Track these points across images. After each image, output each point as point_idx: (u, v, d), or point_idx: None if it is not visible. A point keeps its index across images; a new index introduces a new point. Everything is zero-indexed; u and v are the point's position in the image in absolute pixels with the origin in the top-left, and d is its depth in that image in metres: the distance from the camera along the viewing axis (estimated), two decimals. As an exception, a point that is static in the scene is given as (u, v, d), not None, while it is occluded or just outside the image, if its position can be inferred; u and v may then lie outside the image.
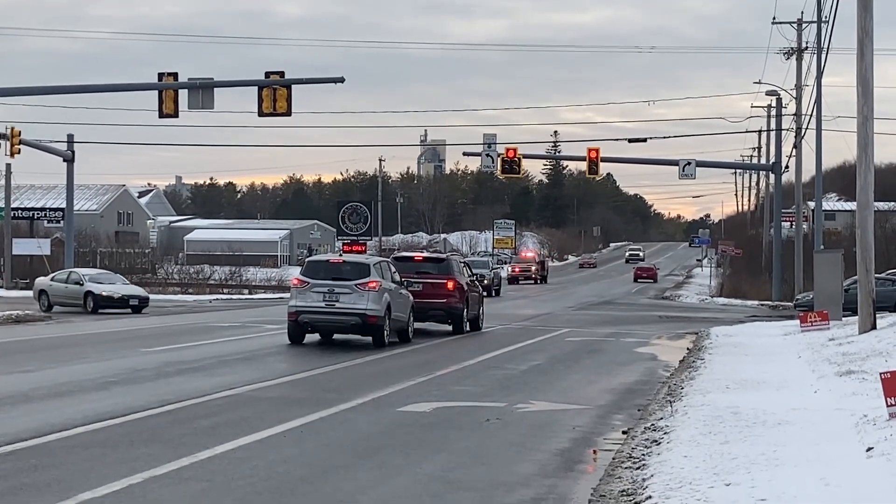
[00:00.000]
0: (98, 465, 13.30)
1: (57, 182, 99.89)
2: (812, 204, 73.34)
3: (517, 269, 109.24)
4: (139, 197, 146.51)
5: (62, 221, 74.80)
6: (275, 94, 45.70)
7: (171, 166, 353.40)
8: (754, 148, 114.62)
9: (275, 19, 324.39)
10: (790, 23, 69.89)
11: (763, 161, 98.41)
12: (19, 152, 56.76)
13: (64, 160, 68.76)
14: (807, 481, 11.36)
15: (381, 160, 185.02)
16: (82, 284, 49.68)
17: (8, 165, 67.78)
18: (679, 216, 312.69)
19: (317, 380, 23.34)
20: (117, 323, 41.07)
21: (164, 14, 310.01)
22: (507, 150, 64.38)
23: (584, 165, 66.84)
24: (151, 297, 64.65)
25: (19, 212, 78.64)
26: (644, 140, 71.77)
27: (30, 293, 63.80)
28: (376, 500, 11.97)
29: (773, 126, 78.78)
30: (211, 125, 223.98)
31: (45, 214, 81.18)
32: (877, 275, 37.20)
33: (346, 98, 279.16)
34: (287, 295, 37.24)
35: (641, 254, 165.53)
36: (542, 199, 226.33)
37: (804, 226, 73.33)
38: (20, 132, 56.59)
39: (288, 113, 46.06)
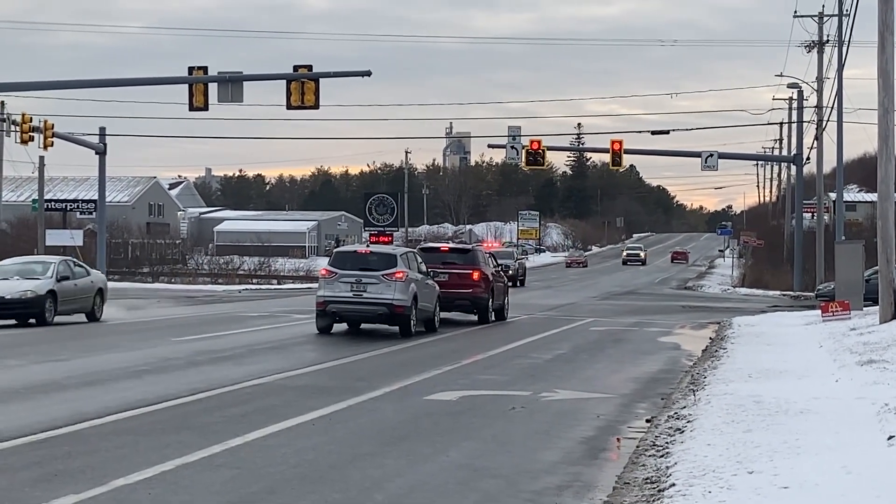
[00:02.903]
0: (130, 452, 13.35)
1: (89, 174, 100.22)
2: (833, 195, 73.10)
3: None
4: (170, 189, 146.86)
5: (94, 213, 74.97)
6: (303, 87, 45.78)
7: (201, 158, 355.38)
8: (776, 140, 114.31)
9: (301, 13, 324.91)
10: (811, 16, 69.60)
11: (785, 153, 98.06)
12: (52, 145, 57.00)
13: (96, 153, 69.00)
14: (828, 469, 11.33)
15: (407, 152, 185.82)
16: None
17: (41, 158, 68.01)
18: (701, 207, 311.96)
19: (345, 368, 23.37)
20: (149, 313, 41.18)
21: (192, 8, 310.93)
22: (532, 141, 64.33)
23: (607, 157, 66.80)
24: (182, 287, 65.07)
25: (52, 203, 78.77)
26: (667, 132, 71.85)
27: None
28: (404, 487, 11.98)
29: (794, 118, 78.51)
30: (240, 118, 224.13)
31: (78, 206, 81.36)
32: (898, 265, 37.01)
33: (373, 91, 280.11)
34: (315, 285, 37.29)
35: (642, 254, 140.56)
36: (565, 191, 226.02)
37: (825, 217, 73.09)
38: (53, 125, 56.81)
39: (316, 106, 46.13)
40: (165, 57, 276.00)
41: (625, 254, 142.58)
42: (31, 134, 54.38)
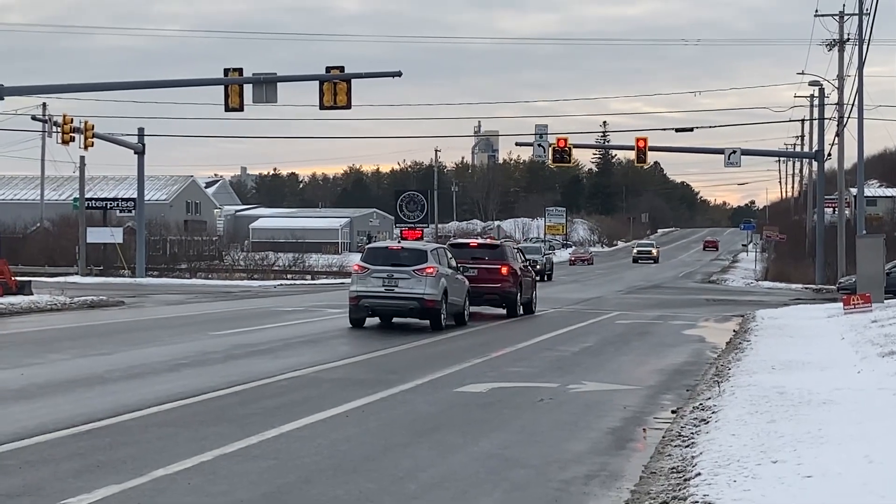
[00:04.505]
0: (170, 443, 13.40)
1: (128, 173, 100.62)
2: (854, 190, 72.82)
3: None
4: (206, 187, 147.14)
5: (133, 211, 75.30)
6: (335, 87, 45.85)
7: (236, 157, 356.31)
8: (798, 136, 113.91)
9: (333, 14, 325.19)
10: (832, 15, 69.27)
11: (806, 149, 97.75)
12: (93, 145, 57.25)
13: (135, 152, 69.28)
14: (851, 459, 11.29)
15: (436, 150, 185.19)
16: None
17: (82, 158, 68.26)
18: (724, 203, 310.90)
19: (377, 361, 23.39)
20: (187, 308, 41.29)
21: (226, 11, 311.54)
22: (558, 139, 64.28)
23: (632, 154, 66.62)
24: (219, 283, 65.23)
25: (93, 202, 79.26)
26: (691, 129, 71.48)
27: (104, 279, 64.39)
28: (436, 476, 11.99)
29: (815, 115, 78.22)
30: (274, 118, 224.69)
31: (118, 204, 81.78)
32: (918, 259, 36.85)
33: (404, 91, 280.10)
34: (348, 280, 37.27)
35: (654, 251, 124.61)
36: (591, 187, 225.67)
37: (846, 211, 72.75)
38: (93, 126, 57.05)
39: (348, 106, 46.18)
40: (201, 59, 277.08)
41: (635, 251, 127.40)
42: (72, 134, 54.62)
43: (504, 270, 36.76)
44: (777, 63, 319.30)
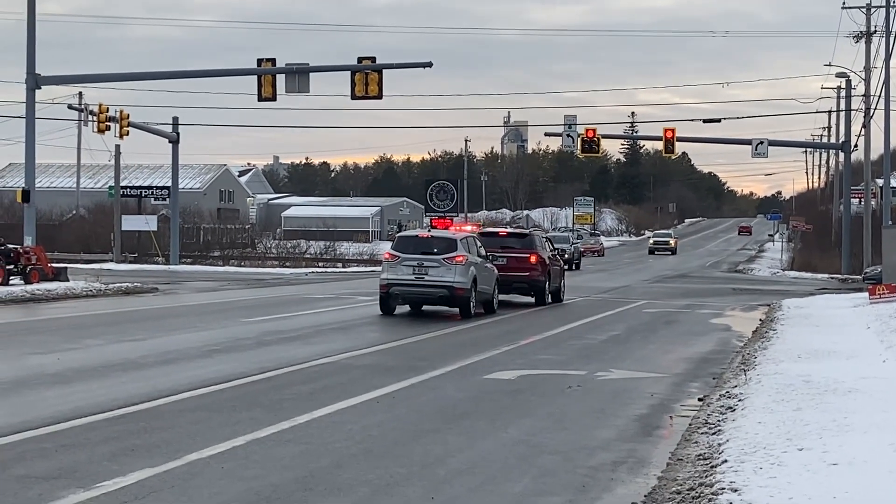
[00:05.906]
0: (203, 428, 13.44)
1: (163, 162, 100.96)
2: (880, 181, 72.46)
3: None
4: (239, 176, 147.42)
5: (168, 199, 75.51)
6: (367, 78, 45.92)
7: (269, 146, 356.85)
8: (824, 127, 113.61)
9: (365, 5, 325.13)
10: (859, 7, 68.94)
11: (833, 140, 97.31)
12: (128, 134, 57.40)
13: (169, 141, 69.49)
14: (877, 447, 11.25)
15: (466, 140, 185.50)
16: None
17: (117, 146, 68.56)
18: (751, 193, 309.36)
19: (407, 348, 23.42)
20: (220, 295, 41.40)
21: (260, 2, 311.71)
22: (587, 130, 64.15)
23: (660, 145, 66.42)
24: (251, 270, 65.40)
25: (128, 190, 79.55)
26: (718, 120, 71.52)
27: (138, 266, 64.65)
28: (465, 462, 12.00)
29: (842, 106, 77.99)
30: (307, 108, 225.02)
31: (152, 192, 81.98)
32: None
33: (434, 81, 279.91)
34: (378, 268, 37.36)
35: (672, 241, 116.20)
36: (619, 177, 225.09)
37: (872, 202, 72.41)
38: (129, 115, 57.20)
39: (379, 96, 46.23)
40: (235, 49, 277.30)
41: (651, 241, 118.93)
42: (108, 124, 54.83)
43: (533, 259, 36.73)
44: (804, 55, 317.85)
